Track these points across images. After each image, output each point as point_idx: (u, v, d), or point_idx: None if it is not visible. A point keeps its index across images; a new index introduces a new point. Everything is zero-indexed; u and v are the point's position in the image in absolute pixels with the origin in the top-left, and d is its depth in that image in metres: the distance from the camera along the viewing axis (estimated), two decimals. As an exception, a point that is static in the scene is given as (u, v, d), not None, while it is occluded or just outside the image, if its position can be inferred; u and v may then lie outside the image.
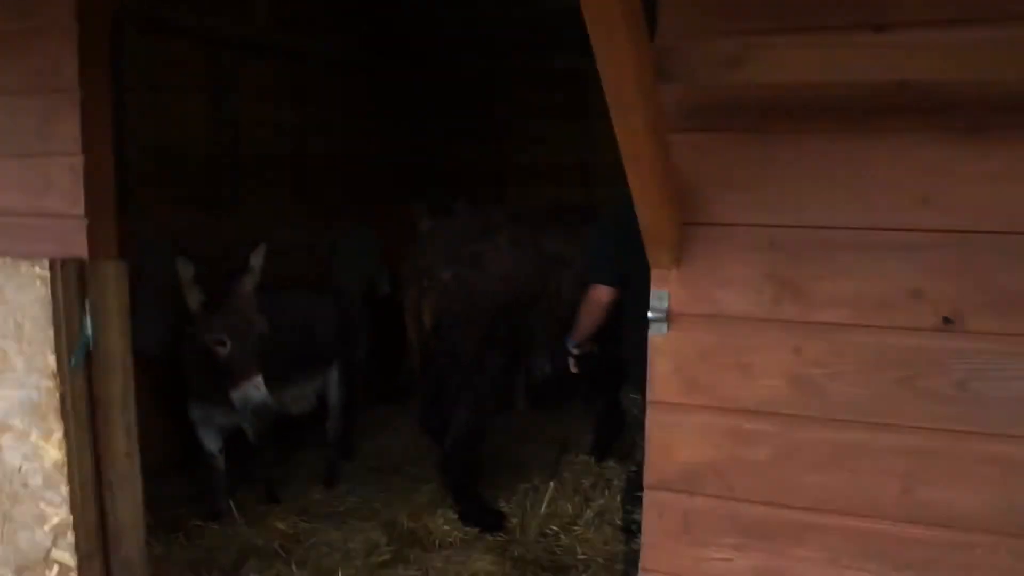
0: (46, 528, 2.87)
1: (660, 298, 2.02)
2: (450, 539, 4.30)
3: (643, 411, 2.11)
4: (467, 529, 4.37)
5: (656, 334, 2.04)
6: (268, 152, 5.72)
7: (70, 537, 2.83)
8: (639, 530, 3.05)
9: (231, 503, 4.41)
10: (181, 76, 5.00)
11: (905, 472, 1.93)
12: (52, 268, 2.69)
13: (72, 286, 2.74)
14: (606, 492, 4.73)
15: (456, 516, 4.47)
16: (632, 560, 3.37)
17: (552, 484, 4.73)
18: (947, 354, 1.87)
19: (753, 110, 1.91)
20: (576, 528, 4.38)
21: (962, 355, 1.86)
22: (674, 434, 2.08)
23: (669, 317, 2.02)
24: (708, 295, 2.01)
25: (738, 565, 2.08)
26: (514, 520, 4.50)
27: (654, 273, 2.04)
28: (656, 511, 2.12)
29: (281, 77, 5.84)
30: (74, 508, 2.81)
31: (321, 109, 6.15)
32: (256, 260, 4.10)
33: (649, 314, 2.03)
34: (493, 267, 3.98)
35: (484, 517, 4.42)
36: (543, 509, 4.52)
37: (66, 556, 2.85)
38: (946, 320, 1.86)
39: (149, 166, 4.74)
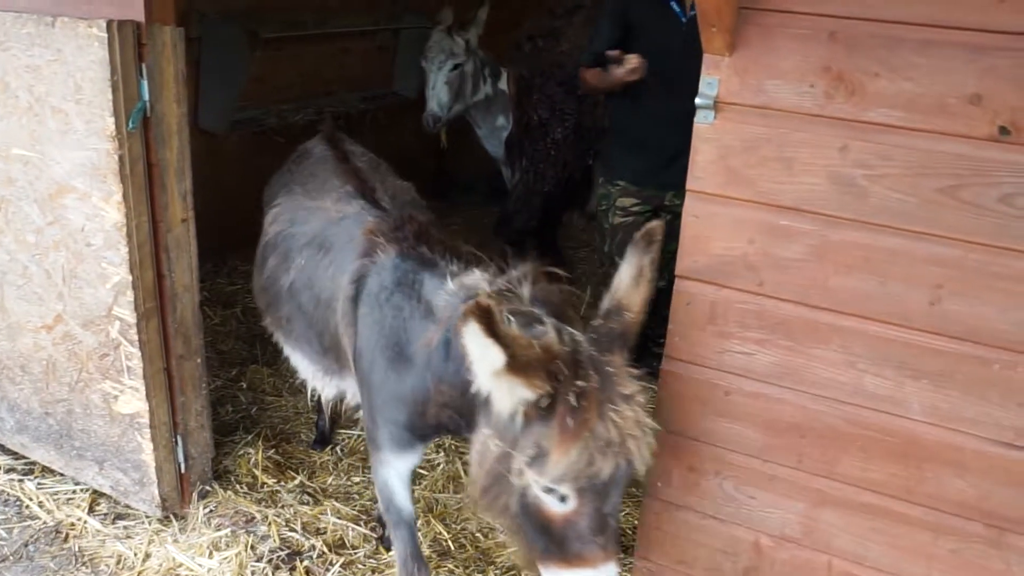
0: (108, 286, 3.02)
1: (710, 85, 1.97)
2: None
3: None
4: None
5: (702, 122, 2.01)
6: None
7: (129, 295, 2.97)
8: None
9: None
10: None
11: (936, 283, 1.92)
12: (109, 29, 2.69)
13: (129, 49, 2.75)
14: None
15: None
16: None
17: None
18: (998, 166, 1.81)
19: None
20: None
21: (1014, 168, 1.80)
22: (710, 225, 2.08)
23: (716, 105, 1.98)
24: (759, 85, 1.95)
25: (759, 359, 2.13)
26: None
27: (705, 59, 1.98)
28: (684, 300, 2.16)
29: None
30: (133, 268, 2.94)
31: None
32: None
33: (697, 100, 1.98)
34: (565, 41, 4.27)
35: None
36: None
37: (126, 313, 3.02)
38: (1002, 130, 1.79)
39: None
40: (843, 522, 2.17)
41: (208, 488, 3.40)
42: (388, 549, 3.08)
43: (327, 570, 3.01)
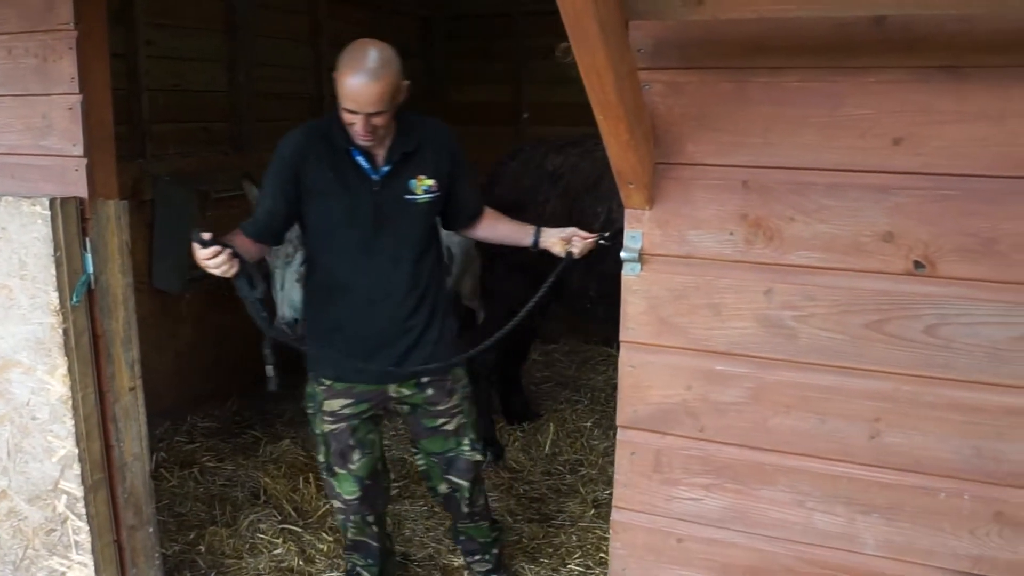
0: (54, 460, 2.96)
1: (633, 238, 2.01)
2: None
3: None
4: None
5: (629, 274, 2.04)
6: (284, 91, 5.75)
7: (76, 468, 2.91)
8: None
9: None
10: (196, 16, 5.00)
11: (873, 417, 1.93)
12: (52, 207, 2.73)
13: (72, 224, 2.79)
14: (610, 434, 4.82)
15: None
16: None
17: (552, 426, 4.87)
18: (917, 299, 1.85)
19: (727, 47, 1.87)
20: (581, 469, 4.48)
21: (932, 300, 1.84)
22: (646, 374, 2.09)
23: (642, 257, 2.02)
24: (681, 236, 1.99)
25: (708, 504, 2.10)
26: (522, 459, 4.62)
27: (627, 213, 2.03)
28: (628, 450, 2.14)
29: (297, 15, 5.83)
30: (79, 441, 2.89)
31: (338, 48, 6.11)
32: None
33: (623, 254, 2.02)
34: (503, 179, 4.41)
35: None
36: (546, 450, 4.65)
37: (73, 487, 2.94)
38: (917, 264, 1.84)
39: (164, 107, 4.77)
40: (809, 667, 2.10)
41: (164, 662, 3.25)
42: None
43: None
